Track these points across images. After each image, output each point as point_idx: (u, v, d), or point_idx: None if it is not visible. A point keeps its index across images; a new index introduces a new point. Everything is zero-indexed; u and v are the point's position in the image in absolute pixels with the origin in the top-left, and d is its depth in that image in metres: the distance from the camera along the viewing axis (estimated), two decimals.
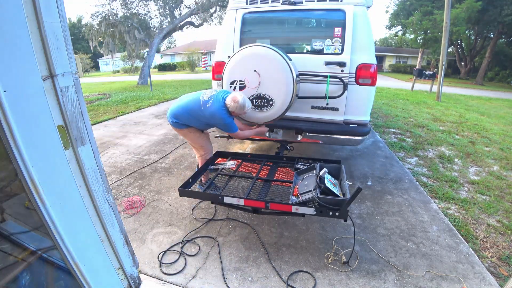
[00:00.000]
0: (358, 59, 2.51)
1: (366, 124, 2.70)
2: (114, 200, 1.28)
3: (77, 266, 1.10)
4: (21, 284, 1.05)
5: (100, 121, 5.88)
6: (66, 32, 0.95)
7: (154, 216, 2.39)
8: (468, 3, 16.21)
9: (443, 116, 6.75)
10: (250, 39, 2.80)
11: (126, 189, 2.87)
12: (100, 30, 13.01)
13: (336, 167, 2.18)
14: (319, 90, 2.61)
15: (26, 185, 0.90)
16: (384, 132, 5.08)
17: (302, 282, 1.69)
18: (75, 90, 1.02)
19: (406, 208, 2.51)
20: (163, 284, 1.68)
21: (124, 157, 3.74)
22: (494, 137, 4.97)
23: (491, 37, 21.58)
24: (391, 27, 26.04)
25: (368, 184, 2.99)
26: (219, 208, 2.47)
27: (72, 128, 1.02)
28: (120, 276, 1.36)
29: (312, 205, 1.74)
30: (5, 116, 0.80)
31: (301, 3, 2.63)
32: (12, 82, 0.81)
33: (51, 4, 0.89)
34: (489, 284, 1.69)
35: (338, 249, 1.96)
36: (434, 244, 2.04)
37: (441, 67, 9.62)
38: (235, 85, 2.46)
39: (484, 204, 2.66)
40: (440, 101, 9.38)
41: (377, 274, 1.76)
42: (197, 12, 13.68)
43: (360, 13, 2.48)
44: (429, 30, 18.85)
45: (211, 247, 2.00)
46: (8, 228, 1.06)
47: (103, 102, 8.36)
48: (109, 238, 1.25)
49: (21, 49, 0.83)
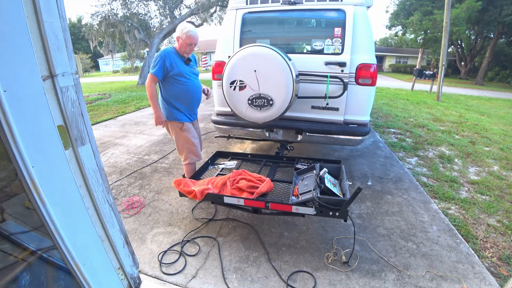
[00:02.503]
0: (358, 59, 2.51)
1: (366, 124, 2.70)
2: (114, 200, 1.28)
3: (77, 266, 1.10)
4: (21, 284, 1.05)
5: (100, 121, 5.88)
6: (66, 32, 0.95)
7: (154, 216, 2.39)
8: (468, 3, 16.21)
9: (443, 116, 6.74)
10: (250, 39, 2.80)
11: (126, 189, 2.87)
12: (100, 30, 13.01)
13: (336, 167, 2.18)
14: (319, 90, 2.61)
15: (26, 185, 0.90)
16: (384, 132, 5.08)
17: (302, 282, 1.69)
18: (75, 90, 1.02)
19: (406, 208, 2.51)
20: (163, 284, 1.68)
21: (124, 157, 3.74)
22: (494, 137, 4.97)
23: (491, 37, 21.59)
24: (391, 27, 26.04)
25: (368, 184, 2.99)
26: (219, 208, 2.47)
27: (72, 128, 1.02)
28: (120, 276, 1.36)
29: (312, 205, 1.74)
30: (5, 116, 0.80)
31: (301, 3, 2.63)
32: (12, 82, 0.81)
33: (51, 4, 0.88)
34: (489, 284, 1.69)
35: (338, 249, 1.96)
36: (434, 244, 2.04)
37: (441, 67, 9.62)
38: (235, 85, 2.46)
39: (484, 204, 2.66)
40: (440, 101, 9.38)
41: (377, 274, 1.76)
42: (197, 12, 13.67)
43: (360, 13, 2.48)
44: (429, 30, 18.85)
45: (211, 247, 2.00)
46: (8, 228, 1.06)
47: (103, 102, 8.36)
48: (109, 238, 1.25)
49: (21, 49, 0.83)
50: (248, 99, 2.45)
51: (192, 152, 2.46)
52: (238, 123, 2.90)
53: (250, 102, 2.46)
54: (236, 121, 2.89)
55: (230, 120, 2.94)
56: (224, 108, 2.91)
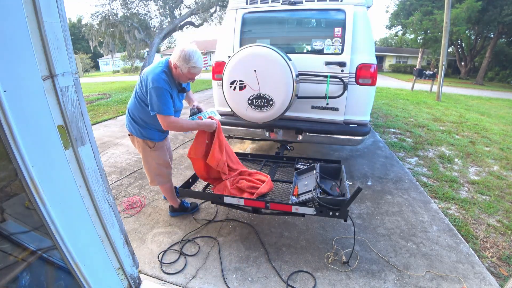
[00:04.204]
0: (358, 59, 2.51)
1: (366, 124, 2.70)
2: (114, 200, 1.28)
3: (77, 266, 1.10)
4: (21, 284, 1.05)
5: (100, 121, 5.88)
6: (66, 32, 0.95)
7: (154, 216, 2.38)
8: (468, 3, 16.21)
9: (443, 116, 6.74)
10: (250, 39, 2.80)
11: (126, 189, 2.87)
12: (100, 30, 13.00)
13: (336, 167, 2.18)
14: (319, 90, 2.61)
15: (26, 185, 0.90)
16: (384, 132, 5.08)
17: (302, 282, 1.69)
18: (75, 90, 1.02)
19: (406, 208, 2.51)
20: (163, 284, 1.68)
21: (124, 157, 3.74)
22: (494, 137, 4.97)
23: (491, 37, 21.60)
24: (391, 27, 26.05)
25: (368, 184, 2.99)
26: (220, 208, 2.47)
27: (72, 128, 1.02)
28: (120, 276, 1.36)
29: (312, 205, 1.74)
30: (5, 116, 0.80)
31: (301, 3, 2.63)
32: (12, 82, 0.81)
33: (51, 4, 0.88)
34: (489, 284, 1.69)
35: (338, 249, 1.96)
36: (434, 244, 2.04)
37: (441, 67, 9.62)
38: (235, 85, 2.46)
39: (484, 204, 2.66)
40: (440, 101, 9.38)
41: (377, 274, 1.76)
42: (197, 12, 13.66)
43: (360, 13, 2.48)
44: (429, 30, 18.86)
45: (211, 247, 2.00)
46: (8, 228, 1.06)
47: (103, 102, 8.36)
48: (109, 238, 1.25)
49: (21, 49, 0.83)
50: (248, 99, 2.45)
51: (160, 174, 2.13)
52: (238, 123, 2.90)
53: (250, 102, 2.46)
54: (236, 121, 2.89)
55: (230, 120, 2.94)
56: (224, 108, 2.91)
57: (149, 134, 1.96)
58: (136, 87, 1.87)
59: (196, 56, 1.71)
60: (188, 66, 1.71)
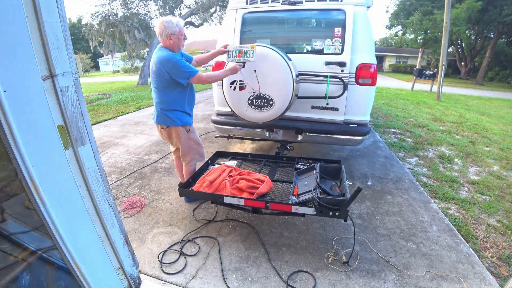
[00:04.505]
0: (358, 59, 2.50)
1: (366, 124, 2.70)
2: (114, 200, 1.28)
3: (77, 266, 1.10)
4: (21, 284, 1.05)
5: (100, 121, 5.88)
6: (66, 32, 0.95)
7: (154, 216, 2.38)
8: (468, 3, 16.22)
9: (443, 116, 6.74)
10: (250, 39, 2.80)
11: (126, 189, 2.87)
12: (100, 30, 13.01)
13: (336, 167, 2.18)
14: (319, 90, 2.61)
15: (26, 185, 0.90)
16: (384, 132, 5.08)
17: (302, 282, 1.69)
18: (75, 90, 1.02)
19: (406, 208, 2.51)
20: (163, 284, 1.68)
21: (124, 157, 3.74)
22: (494, 137, 4.97)
23: (491, 37, 21.60)
24: (391, 27, 26.05)
25: (368, 184, 2.99)
26: (220, 208, 2.47)
27: (72, 128, 1.02)
28: (120, 276, 1.36)
29: (312, 205, 1.74)
30: (5, 116, 0.80)
31: (301, 3, 2.63)
32: (12, 82, 0.81)
33: (51, 4, 0.88)
34: (489, 284, 1.69)
35: (338, 249, 1.96)
36: (434, 244, 2.04)
37: (441, 67, 9.62)
38: (235, 85, 2.46)
39: (484, 204, 2.66)
40: (440, 101, 9.38)
41: (377, 274, 1.76)
42: (197, 12, 13.68)
43: (360, 13, 2.48)
44: (429, 30, 18.86)
45: (211, 247, 2.00)
46: (8, 228, 1.06)
47: (103, 102, 8.36)
48: (109, 238, 1.25)
49: (21, 49, 0.83)
50: (248, 99, 2.45)
51: (198, 152, 2.44)
52: (238, 123, 2.90)
53: (250, 102, 2.46)
54: (236, 121, 2.89)
55: (230, 120, 2.94)
56: (224, 108, 2.91)
57: (185, 119, 2.22)
58: (154, 82, 2.09)
59: (173, 17, 2.00)
60: (177, 25, 1.97)
